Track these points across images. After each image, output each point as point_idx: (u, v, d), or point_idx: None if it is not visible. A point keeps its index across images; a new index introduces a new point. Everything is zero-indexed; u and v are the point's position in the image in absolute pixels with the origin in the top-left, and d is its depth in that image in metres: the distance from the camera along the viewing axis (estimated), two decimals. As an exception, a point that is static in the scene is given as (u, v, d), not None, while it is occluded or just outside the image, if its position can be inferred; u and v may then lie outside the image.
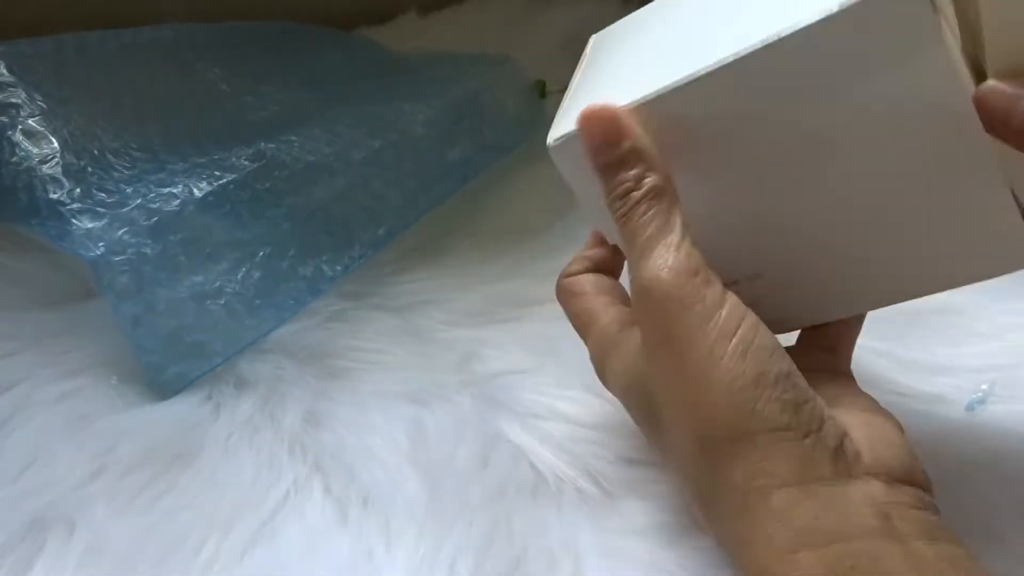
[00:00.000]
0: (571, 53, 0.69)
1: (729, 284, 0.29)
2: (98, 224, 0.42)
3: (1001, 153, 0.26)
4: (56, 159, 0.43)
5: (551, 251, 0.54)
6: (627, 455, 0.40)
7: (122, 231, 0.42)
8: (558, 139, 0.31)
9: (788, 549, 0.24)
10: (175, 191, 0.44)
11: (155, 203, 0.44)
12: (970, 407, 0.38)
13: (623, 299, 0.34)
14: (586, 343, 0.34)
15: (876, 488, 0.25)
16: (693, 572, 0.34)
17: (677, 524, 0.37)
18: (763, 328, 0.26)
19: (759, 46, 0.25)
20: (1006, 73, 0.24)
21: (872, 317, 0.34)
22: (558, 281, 0.35)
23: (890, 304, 0.31)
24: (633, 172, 0.28)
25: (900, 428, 0.28)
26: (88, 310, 0.47)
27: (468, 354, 0.46)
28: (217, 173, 0.46)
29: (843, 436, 0.26)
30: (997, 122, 0.24)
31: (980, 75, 0.25)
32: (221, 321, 0.45)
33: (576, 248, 0.37)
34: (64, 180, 0.43)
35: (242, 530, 0.37)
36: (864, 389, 0.31)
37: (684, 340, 0.26)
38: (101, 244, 0.42)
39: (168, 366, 0.44)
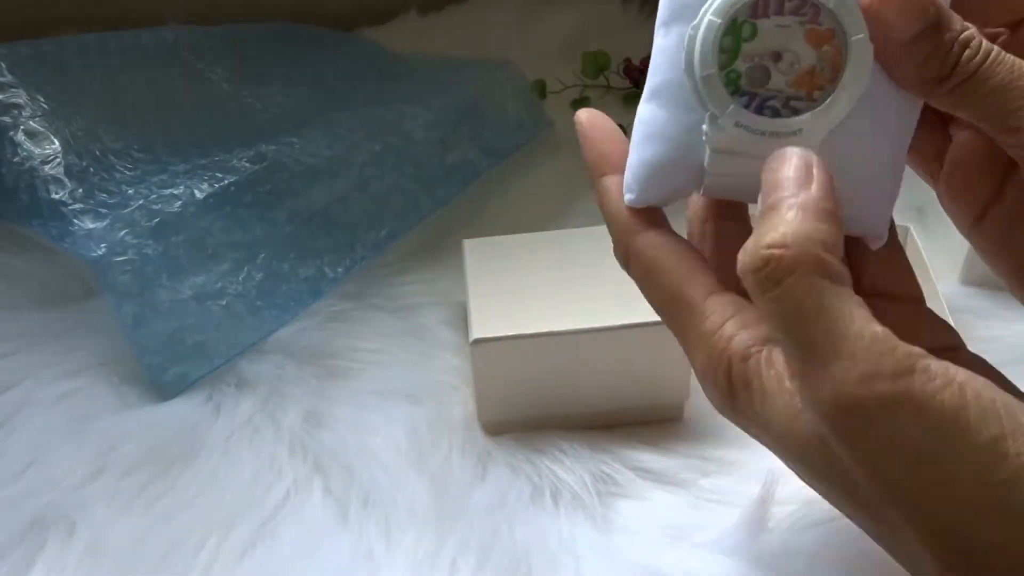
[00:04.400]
0: (571, 53, 0.69)
1: None
2: (100, 225, 0.42)
3: None
4: (58, 159, 0.43)
5: (551, 252, 0.53)
6: (627, 456, 0.40)
7: (124, 232, 0.42)
8: None
9: None
10: (176, 192, 0.45)
11: (157, 204, 0.44)
12: None
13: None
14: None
15: None
16: (693, 573, 0.34)
17: (676, 526, 0.37)
18: None
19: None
20: None
21: None
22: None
23: None
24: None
25: None
26: (88, 310, 0.47)
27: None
28: (219, 175, 0.46)
29: None
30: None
31: None
32: (222, 322, 0.45)
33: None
34: (66, 180, 0.43)
35: (242, 530, 0.37)
36: None
37: None
38: (103, 245, 0.42)
39: (169, 367, 0.44)
